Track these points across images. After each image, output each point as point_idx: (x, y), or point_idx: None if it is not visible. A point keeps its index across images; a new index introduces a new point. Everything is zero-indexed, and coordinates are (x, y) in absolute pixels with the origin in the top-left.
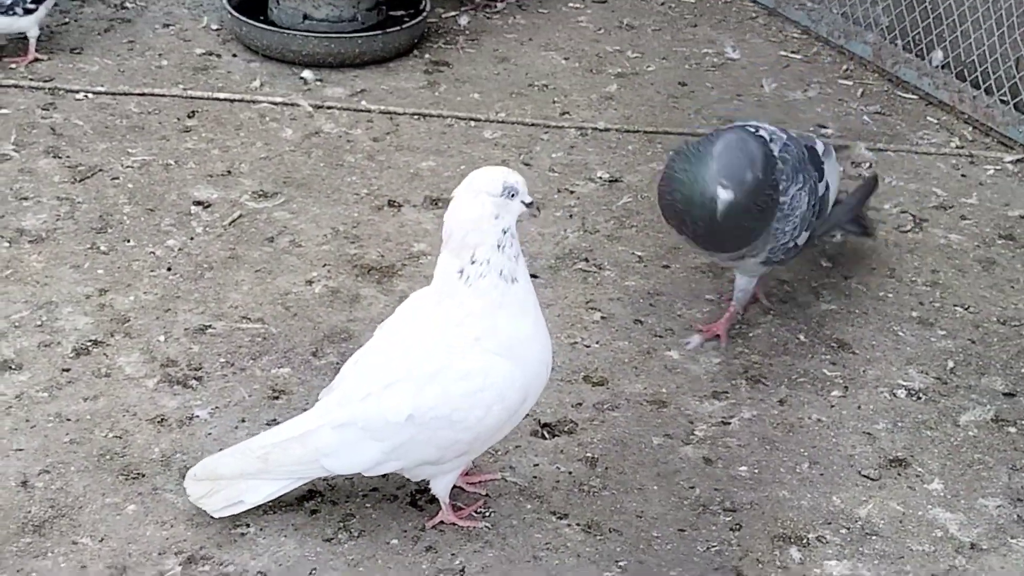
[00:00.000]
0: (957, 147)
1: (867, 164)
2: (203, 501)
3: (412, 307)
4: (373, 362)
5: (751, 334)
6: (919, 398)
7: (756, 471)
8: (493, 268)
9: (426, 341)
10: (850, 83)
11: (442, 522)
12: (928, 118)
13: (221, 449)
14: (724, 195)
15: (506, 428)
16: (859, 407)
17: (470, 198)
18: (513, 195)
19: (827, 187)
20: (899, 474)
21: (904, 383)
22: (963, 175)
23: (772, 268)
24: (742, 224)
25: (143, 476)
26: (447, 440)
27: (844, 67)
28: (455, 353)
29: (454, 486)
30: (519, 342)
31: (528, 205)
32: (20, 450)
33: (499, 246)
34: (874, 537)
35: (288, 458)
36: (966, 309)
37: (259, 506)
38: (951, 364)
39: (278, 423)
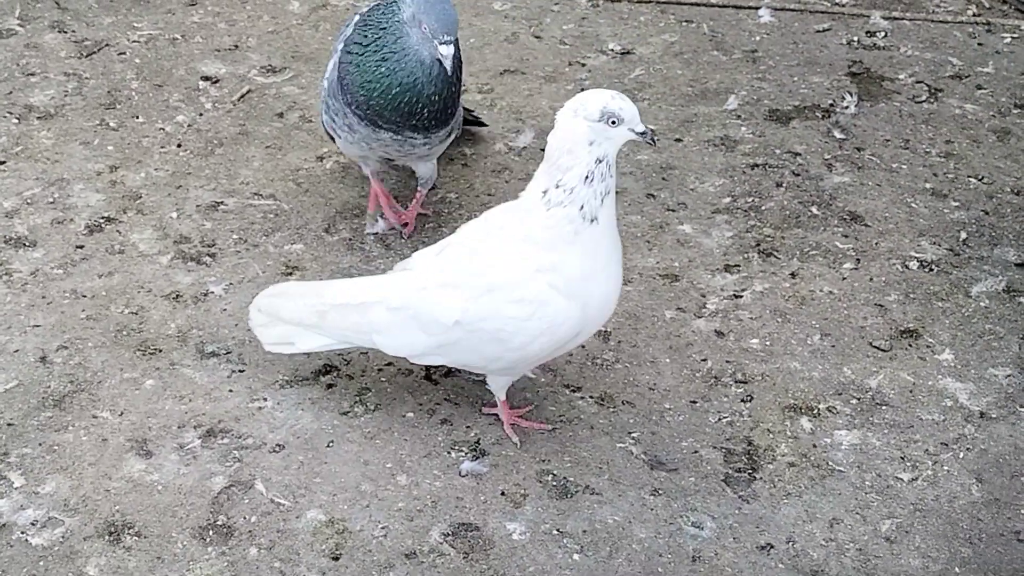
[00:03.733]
0: (974, 15)
1: (882, 33)
2: (259, 330)
3: (499, 214)
4: (442, 257)
5: (763, 207)
6: (931, 269)
7: (768, 343)
8: (575, 200)
9: (493, 253)
10: None
11: (496, 416)
12: None
13: (237, 325)
14: (447, 50)
15: (557, 354)
16: (871, 279)
17: (568, 119)
18: (614, 122)
19: None
20: (910, 345)
21: (916, 255)
22: (979, 44)
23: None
24: (455, 86)
25: (160, 351)
26: (492, 353)
27: None
28: (515, 276)
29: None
30: (583, 280)
31: (641, 135)
32: (37, 326)
33: (587, 177)
34: (884, 407)
35: (344, 323)
36: (980, 180)
37: (275, 380)
38: (964, 235)
39: None
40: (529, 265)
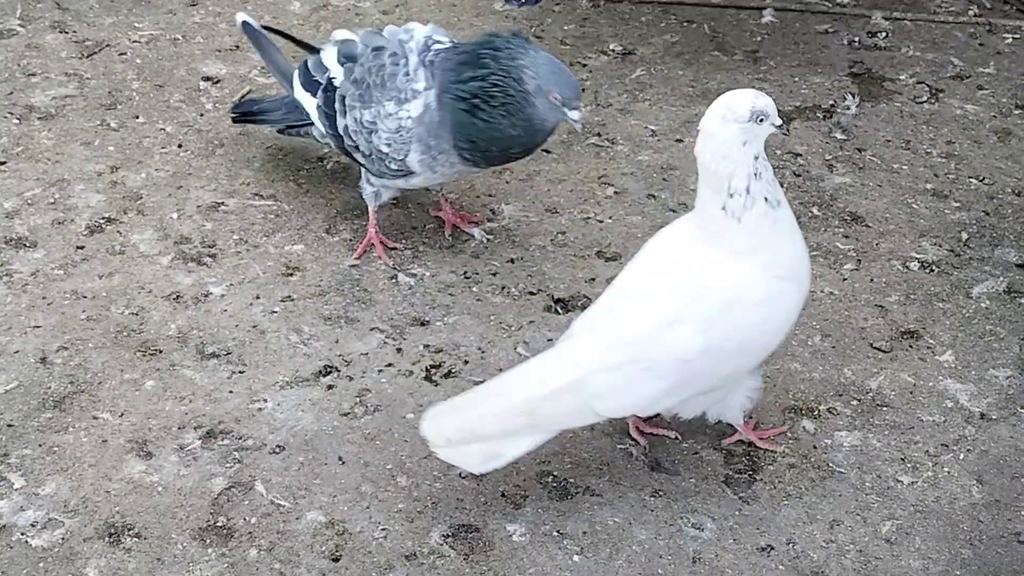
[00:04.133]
0: (975, 15)
1: (883, 34)
2: (454, 457)
3: (666, 249)
4: (640, 302)
5: None
6: (932, 270)
7: None
8: (756, 196)
9: (707, 275)
10: None
11: (740, 441)
12: None
13: (237, 326)
14: (578, 115)
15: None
16: (872, 280)
17: (717, 126)
18: (761, 119)
19: None
20: (911, 346)
21: (917, 255)
22: (981, 44)
23: None
24: None
25: (160, 352)
26: (729, 370)
27: None
28: (745, 283)
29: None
30: (798, 262)
31: (778, 127)
32: (38, 327)
33: (754, 175)
34: (885, 408)
35: (559, 409)
36: (981, 180)
37: (276, 381)
38: (965, 236)
39: (292, 300)
40: (748, 268)
